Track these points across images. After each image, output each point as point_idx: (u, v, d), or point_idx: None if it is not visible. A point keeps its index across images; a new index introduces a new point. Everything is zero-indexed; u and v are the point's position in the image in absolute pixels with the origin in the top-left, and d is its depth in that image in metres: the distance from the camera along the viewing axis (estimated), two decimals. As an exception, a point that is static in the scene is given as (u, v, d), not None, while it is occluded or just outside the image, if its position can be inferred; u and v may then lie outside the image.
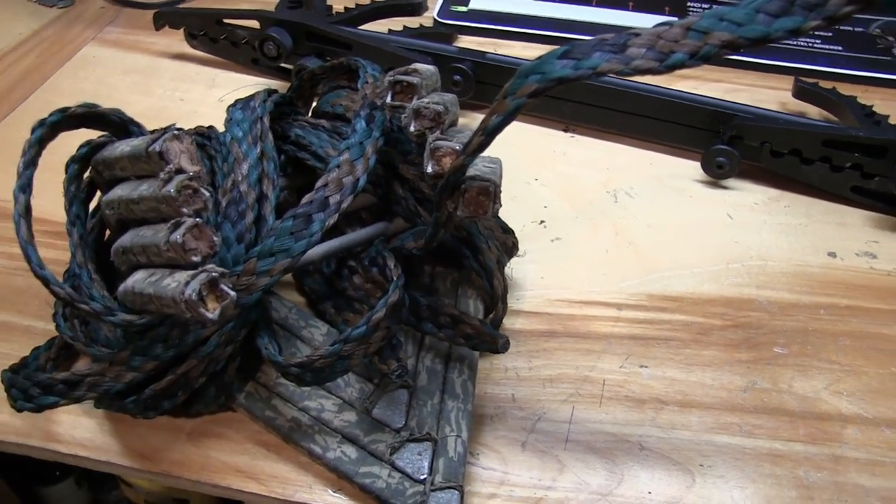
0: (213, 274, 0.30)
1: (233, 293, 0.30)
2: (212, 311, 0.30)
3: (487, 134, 0.30)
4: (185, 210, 0.32)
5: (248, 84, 0.63)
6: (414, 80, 0.37)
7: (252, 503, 0.37)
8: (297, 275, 0.44)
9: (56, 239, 0.47)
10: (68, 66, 0.65)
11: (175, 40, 0.67)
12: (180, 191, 0.31)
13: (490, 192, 0.32)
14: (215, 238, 0.32)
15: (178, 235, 0.30)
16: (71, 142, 0.38)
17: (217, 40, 0.63)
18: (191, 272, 0.30)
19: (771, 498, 0.35)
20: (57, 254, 0.46)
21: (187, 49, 0.65)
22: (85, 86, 0.62)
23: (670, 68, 0.27)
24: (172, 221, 0.31)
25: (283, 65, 0.61)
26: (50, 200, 0.41)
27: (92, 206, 0.41)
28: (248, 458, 0.37)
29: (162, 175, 0.32)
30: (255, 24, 0.61)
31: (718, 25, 0.27)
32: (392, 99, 0.37)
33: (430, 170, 0.34)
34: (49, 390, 0.35)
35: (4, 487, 0.76)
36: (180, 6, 0.73)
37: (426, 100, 0.36)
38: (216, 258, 0.35)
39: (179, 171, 0.32)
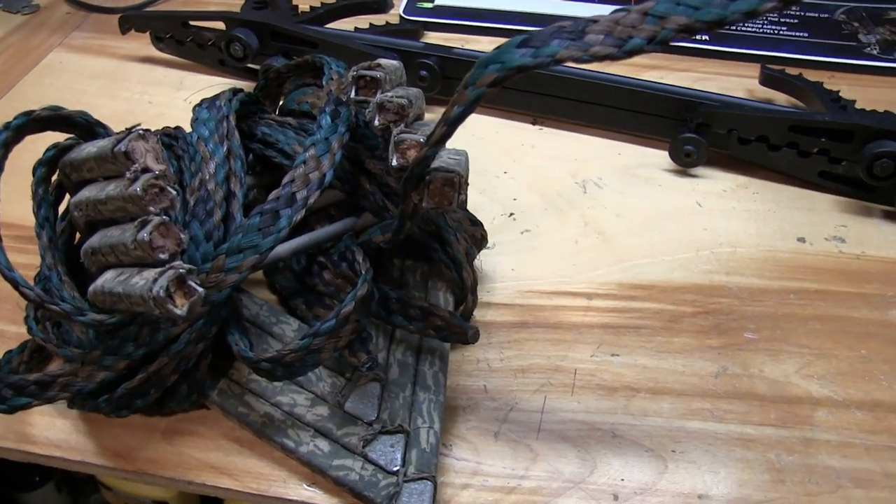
0: (181, 270, 0.30)
1: (200, 289, 0.30)
2: (180, 307, 0.30)
3: (449, 124, 0.30)
4: (151, 209, 0.32)
5: (215, 85, 0.62)
6: (377, 74, 0.37)
7: (229, 499, 0.37)
8: (268, 272, 0.44)
9: (27, 244, 0.47)
10: (34, 72, 0.65)
11: (142, 44, 0.66)
12: (146, 190, 0.31)
13: (455, 182, 0.32)
14: (182, 236, 0.32)
15: (144, 234, 0.31)
16: (39, 146, 0.38)
17: (183, 42, 0.62)
18: (158, 269, 0.30)
19: (743, 481, 0.36)
20: (28, 258, 0.46)
21: (154, 52, 0.65)
22: (51, 92, 0.62)
23: (629, 54, 0.27)
24: (139, 220, 0.31)
25: (249, 65, 0.61)
26: (20, 205, 0.41)
27: (61, 209, 0.41)
28: (222, 454, 0.37)
29: (128, 175, 0.32)
30: (220, 25, 0.60)
31: (675, 10, 0.27)
32: (356, 94, 0.37)
33: (394, 163, 0.34)
34: (21, 391, 0.35)
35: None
36: (146, 10, 0.73)
37: (390, 94, 0.36)
38: (184, 256, 0.35)
39: (145, 170, 0.32)
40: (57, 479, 0.90)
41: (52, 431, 0.38)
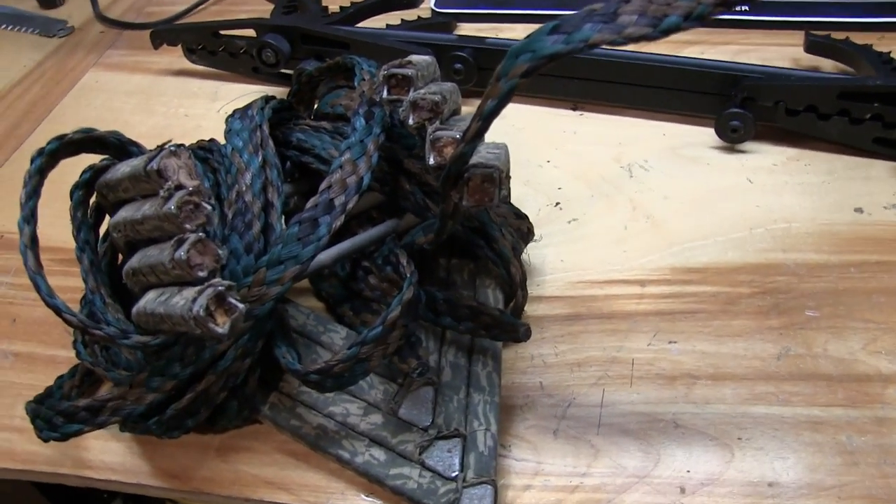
0: (220, 288, 0.29)
1: (241, 306, 0.30)
2: (221, 325, 0.29)
3: (484, 119, 0.29)
4: (187, 226, 0.31)
5: (250, 93, 0.62)
6: (409, 72, 0.36)
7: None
8: (313, 280, 0.43)
9: (71, 266, 0.47)
10: (72, 94, 0.66)
11: (175, 57, 0.67)
12: (181, 207, 0.31)
13: (494, 178, 0.31)
14: (220, 252, 0.31)
15: (181, 252, 0.30)
16: (78, 169, 0.38)
17: (216, 53, 0.62)
18: (197, 288, 0.30)
19: (814, 466, 0.34)
20: (74, 281, 0.46)
21: (188, 65, 0.65)
22: (89, 112, 0.62)
23: (665, 33, 0.26)
24: (176, 238, 0.31)
25: (283, 70, 0.60)
26: (64, 229, 0.41)
27: (102, 230, 0.41)
28: (278, 468, 0.37)
29: (162, 193, 0.32)
30: (251, 32, 0.60)
31: (711, -17, 0.26)
32: (388, 93, 0.36)
33: (431, 161, 0.33)
34: (72, 418, 0.35)
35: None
36: (176, 23, 0.73)
37: (423, 91, 0.35)
38: (225, 271, 0.34)
39: (179, 187, 0.32)
40: (124, 496, 0.92)
41: (106, 455, 0.38)
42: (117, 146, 0.38)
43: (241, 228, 0.36)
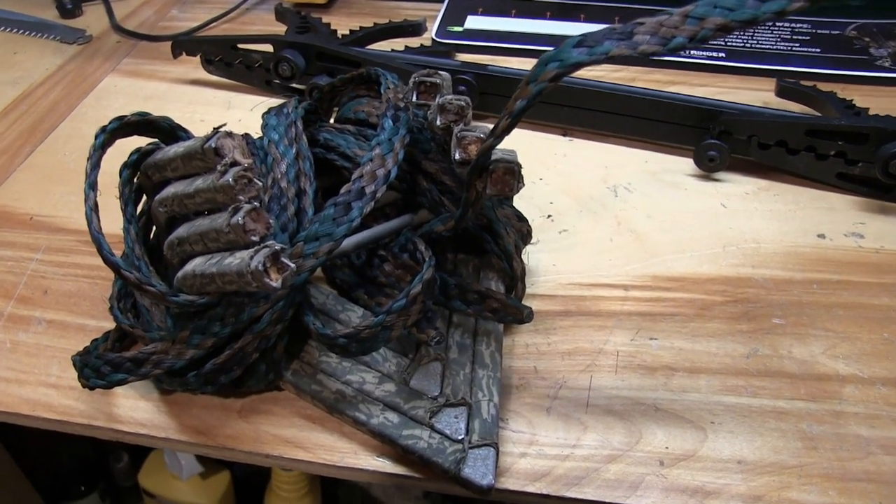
0: (276, 248, 0.33)
1: (292, 265, 0.33)
2: (275, 280, 0.33)
3: (513, 117, 0.33)
4: (241, 197, 0.35)
5: (262, 104, 0.66)
6: (437, 80, 0.41)
7: (302, 471, 0.40)
8: (327, 269, 0.47)
9: (90, 247, 0.50)
10: (92, 95, 0.69)
11: (189, 68, 0.71)
12: (237, 180, 0.35)
13: (515, 171, 0.36)
14: (271, 220, 0.35)
15: (238, 217, 0.34)
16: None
17: (232, 64, 0.66)
18: (254, 248, 0.33)
19: (778, 448, 0.39)
20: (99, 260, 0.49)
21: (201, 75, 0.69)
22: (109, 113, 0.66)
23: (672, 51, 0.31)
24: (232, 207, 0.34)
25: (294, 85, 0.65)
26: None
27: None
28: (296, 430, 0.40)
29: (219, 168, 0.35)
30: (268, 48, 0.64)
31: (713, 12, 0.31)
32: (417, 98, 0.41)
33: (457, 157, 0.38)
34: (118, 368, 0.39)
35: (38, 501, 0.78)
36: (195, 35, 0.77)
37: (449, 97, 0.40)
38: (269, 239, 0.38)
39: (234, 163, 0.36)
40: (101, 489, 0.93)
41: (136, 412, 0.42)
42: (168, 130, 0.42)
43: (276, 211, 0.40)
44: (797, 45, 0.72)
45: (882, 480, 0.37)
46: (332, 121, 0.50)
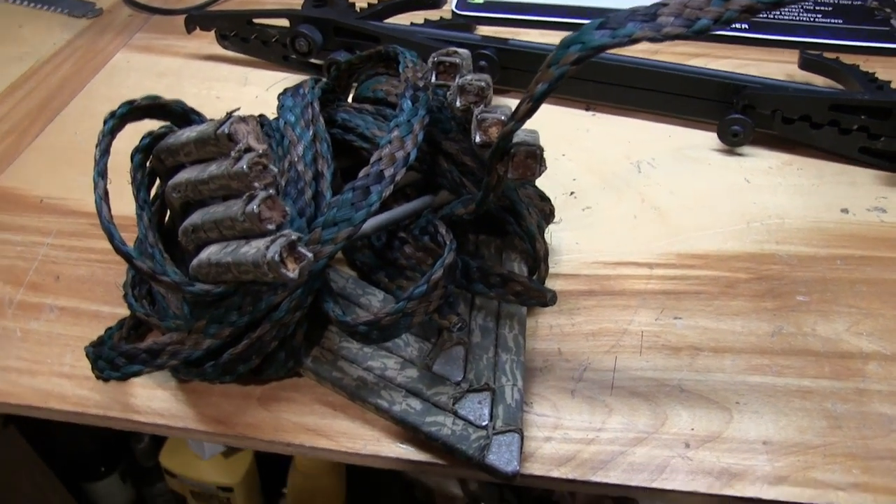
0: (292, 237, 0.33)
1: (310, 254, 0.33)
2: (292, 271, 0.32)
3: (535, 100, 0.33)
4: (256, 185, 0.34)
5: (279, 80, 0.65)
6: (456, 60, 0.40)
7: (324, 459, 0.39)
8: (347, 251, 0.46)
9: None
10: (103, 72, 0.68)
11: (204, 43, 0.70)
12: (251, 167, 0.34)
13: (537, 155, 0.35)
14: (287, 208, 0.34)
15: (253, 206, 0.33)
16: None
17: (248, 40, 0.66)
18: (270, 238, 0.33)
19: (803, 428, 0.38)
20: (108, 244, 0.49)
21: (217, 51, 0.68)
22: (121, 90, 0.65)
23: (697, 33, 0.30)
24: (247, 195, 0.34)
25: (312, 60, 0.64)
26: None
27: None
28: (317, 417, 0.40)
29: (233, 154, 0.35)
30: (284, 22, 0.63)
31: (739, -8, 0.30)
32: (436, 78, 0.40)
33: (477, 139, 0.37)
34: (133, 359, 0.38)
35: (56, 483, 0.78)
36: (209, 9, 0.76)
37: (469, 77, 0.39)
38: (285, 227, 0.37)
39: (248, 149, 0.35)
40: (122, 469, 0.94)
41: (154, 402, 0.41)
42: (180, 114, 0.42)
43: (293, 195, 0.40)
44: (820, 16, 0.70)
45: (905, 458, 0.37)
46: (349, 97, 0.49)
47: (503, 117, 0.37)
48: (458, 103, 0.39)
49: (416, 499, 0.94)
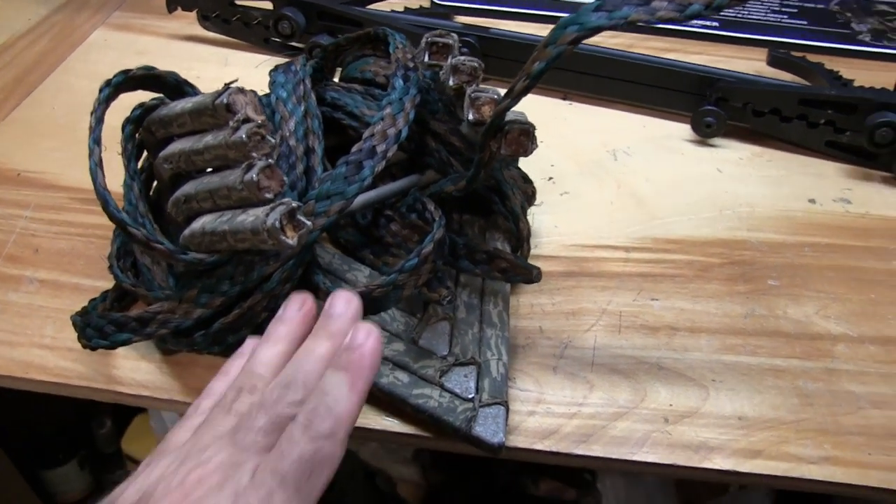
0: (292, 205, 0.33)
1: (309, 223, 0.33)
2: (291, 238, 0.33)
3: (531, 78, 0.34)
4: (254, 154, 0.35)
5: (260, 62, 0.66)
6: (449, 41, 0.41)
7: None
8: (331, 230, 0.47)
9: (92, 205, 0.49)
10: (81, 49, 0.68)
11: (184, 23, 0.70)
12: (250, 137, 0.34)
13: (530, 132, 0.36)
14: (285, 178, 0.35)
15: (253, 174, 0.33)
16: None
17: (230, 21, 0.66)
18: (269, 205, 0.33)
19: (776, 405, 0.40)
20: (95, 219, 0.49)
21: (197, 31, 0.68)
22: (100, 68, 0.65)
23: (689, 17, 0.31)
24: (245, 164, 0.34)
25: (294, 43, 0.64)
26: (83, 170, 0.40)
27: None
28: (304, 388, 0.40)
29: (231, 124, 0.35)
30: (267, 5, 0.64)
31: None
32: (429, 58, 0.41)
33: (470, 117, 0.38)
34: (123, 327, 0.39)
35: (11, 469, 0.77)
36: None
37: (462, 57, 0.40)
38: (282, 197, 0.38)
39: (247, 120, 0.35)
40: (80, 456, 0.92)
41: (138, 374, 0.41)
42: (174, 85, 0.42)
43: (285, 169, 0.40)
44: (786, 17, 0.73)
45: (872, 433, 0.39)
46: (335, 80, 0.49)
47: (496, 96, 0.38)
48: (451, 82, 0.39)
49: (379, 488, 0.94)
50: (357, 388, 0.29)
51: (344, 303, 0.33)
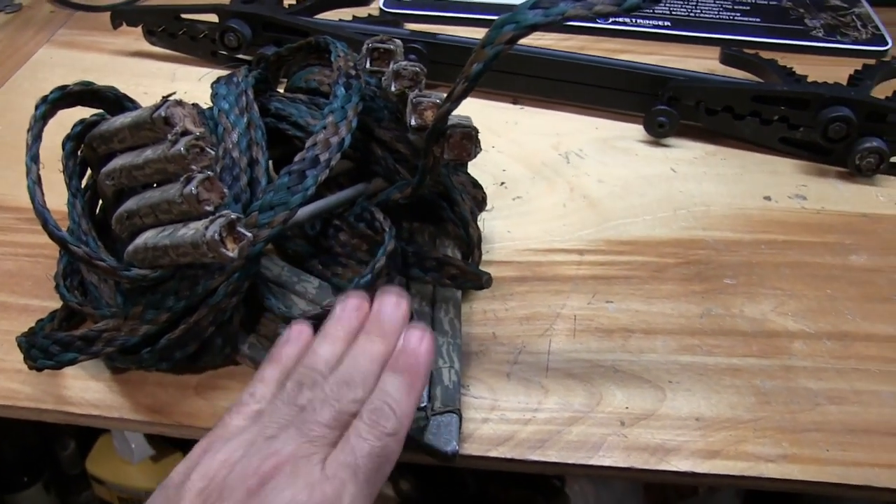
0: (232, 216, 0.32)
1: (249, 234, 0.33)
2: (231, 251, 0.32)
3: (471, 80, 0.33)
4: (194, 167, 0.34)
5: (208, 76, 0.65)
6: (391, 46, 0.40)
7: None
8: (278, 241, 0.46)
9: (36, 225, 0.48)
10: (26, 67, 0.67)
11: (130, 39, 0.69)
12: (189, 149, 0.34)
13: (472, 135, 0.36)
14: (225, 189, 0.34)
15: (192, 187, 0.33)
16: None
17: (176, 35, 0.65)
18: (209, 218, 0.32)
19: (734, 404, 0.40)
20: (39, 238, 0.47)
21: (144, 47, 0.67)
22: (46, 85, 0.61)
23: (627, 11, 0.31)
24: (184, 177, 0.33)
25: (241, 56, 0.63)
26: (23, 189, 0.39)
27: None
28: (255, 404, 0.39)
29: (170, 137, 0.35)
30: (213, 18, 0.63)
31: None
32: (371, 64, 0.41)
33: (413, 122, 0.37)
34: (68, 347, 0.38)
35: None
36: (136, 4, 0.75)
37: (404, 63, 0.39)
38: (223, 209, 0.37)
39: (185, 132, 0.35)
40: (45, 479, 0.90)
41: (87, 393, 0.41)
42: (113, 100, 0.41)
43: (228, 181, 0.39)
44: (738, 14, 0.73)
45: (829, 430, 0.39)
46: (281, 91, 0.49)
47: (438, 101, 0.37)
48: (393, 88, 0.39)
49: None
50: (415, 389, 0.32)
51: (394, 304, 0.35)
